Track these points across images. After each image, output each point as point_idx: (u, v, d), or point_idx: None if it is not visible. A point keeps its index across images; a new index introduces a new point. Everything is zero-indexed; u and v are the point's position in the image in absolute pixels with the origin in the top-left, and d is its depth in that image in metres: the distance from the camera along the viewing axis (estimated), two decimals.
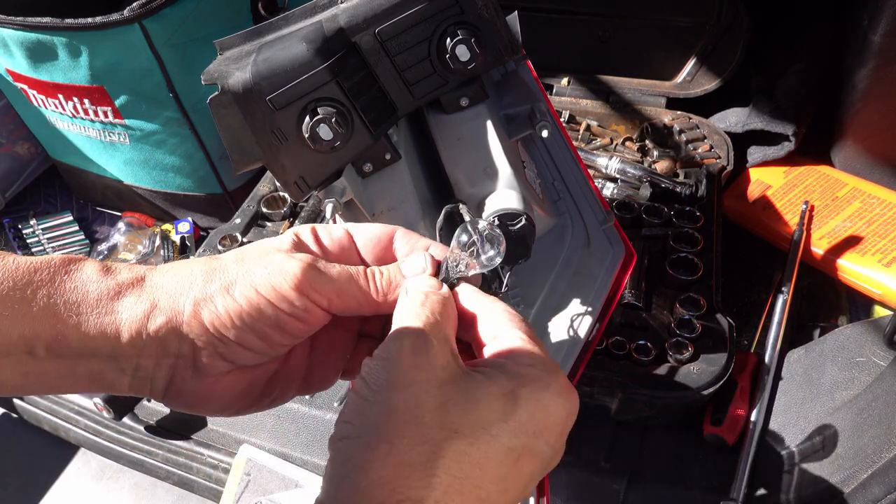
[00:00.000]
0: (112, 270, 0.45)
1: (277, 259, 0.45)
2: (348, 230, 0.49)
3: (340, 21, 0.54)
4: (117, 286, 0.44)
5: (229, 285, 0.44)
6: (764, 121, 1.13)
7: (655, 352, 0.83)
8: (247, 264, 0.45)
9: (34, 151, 1.41)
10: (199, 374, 0.45)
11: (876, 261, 0.98)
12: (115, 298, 0.43)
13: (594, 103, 1.23)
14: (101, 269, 0.44)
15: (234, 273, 0.44)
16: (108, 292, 0.43)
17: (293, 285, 0.43)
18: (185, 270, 0.45)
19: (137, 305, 0.44)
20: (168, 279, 0.45)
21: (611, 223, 0.72)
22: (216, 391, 0.46)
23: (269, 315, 0.44)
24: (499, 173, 0.61)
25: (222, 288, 0.44)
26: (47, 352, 0.42)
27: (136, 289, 0.44)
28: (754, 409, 0.85)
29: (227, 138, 0.55)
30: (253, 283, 0.44)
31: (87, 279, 0.43)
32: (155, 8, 0.98)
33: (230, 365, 0.46)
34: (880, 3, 0.94)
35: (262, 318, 0.44)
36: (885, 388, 0.78)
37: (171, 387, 0.46)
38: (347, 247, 0.48)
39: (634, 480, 0.83)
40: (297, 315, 0.44)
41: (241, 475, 0.89)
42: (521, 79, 0.65)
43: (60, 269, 0.43)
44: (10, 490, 1.04)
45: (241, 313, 0.43)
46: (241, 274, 0.44)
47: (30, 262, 0.42)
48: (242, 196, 1.13)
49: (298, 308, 0.44)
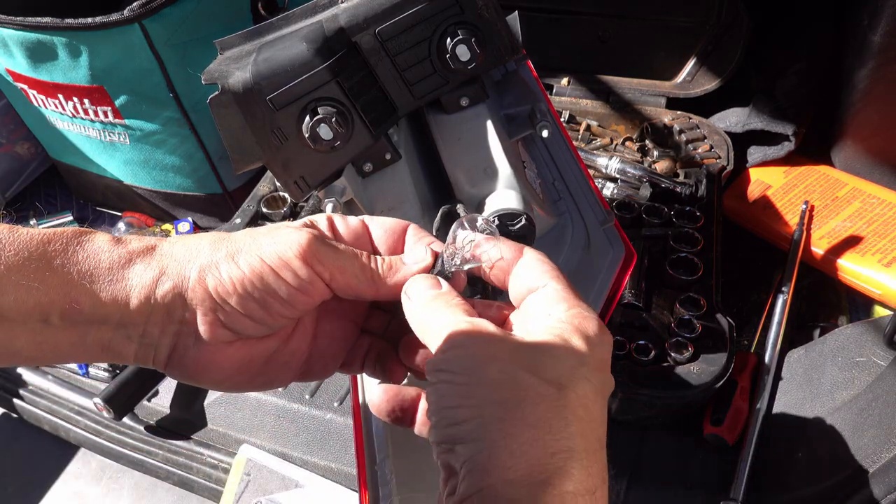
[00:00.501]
0: (123, 241, 0.46)
1: (285, 231, 0.46)
2: (364, 220, 0.50)
3: (341, 21, 0.54)
4: (128, 254, 0.45)
5: (235, 253, 0.45)
6: (764, 121, 1.13)
7: (655, 352, 0.83)
8: (255, 236, 0.46)
9: (34, 151, 1.41)
10: (201, 343, 0.46)
11: (876, 261, 0.98)
12: (125, 266, 0.44)
13: (594, 103, 1.23)
14: (111, 240, 0.46)
15: (240, 242, 0.46)
16: (119, 260, 0.44)
17: (298, 254, 0.44)
18: (194, 240, 0.47)
19: (147, 272, 0.45)
20: (178, 248, 0.46)
21: (611, 223, 0.72)
22: (217, 360, 0.47)
23: (271, 283, 0.44)
24: (499, 173, 0.61)
25: (228, 255, 0.45)
26: (61, 319, 0.43)
27: (147, 256, 0.45)
28: (754, 409, 0.85)
29: (227, 138, 0.55)
30: (259, 251, 0.45)
31: (99, 249, 0.45)
32: (155, 8, 0.98)
33: (232, 335, 0.46)
34: (880, 3, 0.94)
35: (264, 286, 0.44)
36: (885, 388, 0.78)
37: (174, 354, 0.47)
38: (362, 234, 0.49)
39: (634, 481, 0.83)
40: (300, 286, 0.45)
41: (241, 475, 0.89)
42: (521, 79, 0.65)
43: (73, 240, 0.44)
44: (10, 490, 1.04)
45: (243, 280, 0.44)
46: (248, 243, 0.46)
47: (43, 234, 0.43)
48: (242, 196, 1.13)
49: (301, 278, 0.44)
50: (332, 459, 0.88)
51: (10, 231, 0.42)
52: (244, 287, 0.44)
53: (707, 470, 0.83)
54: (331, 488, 0.87)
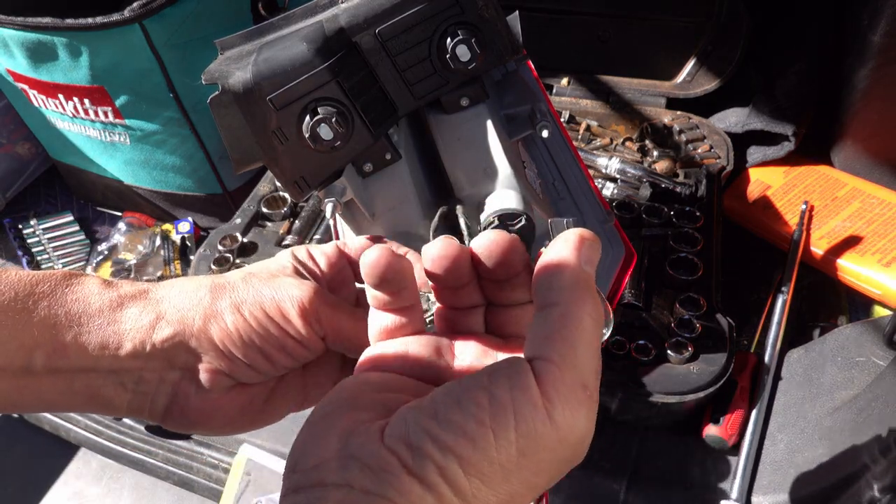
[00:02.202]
0: (113, 284, 0.45)
1: (286, 283, 0.45)
2: (337, 245, 0.50)
3: (341, 21, 0.54)
4: (119, 298, 0.44)
5: (240, 304, 0.44)
6: (764, 121, 1.13)
7: (655, 352, 0.83)
8: (256, 285, 0.45)
9: (34, 151, 1.41)
10: (202, 391, 0.46)
11: (876, 261, 0.98)
12: (117, 309, 0.43)
13: (594, 103, 1.23)
14: (102, 283, 0.44)
15: (243, 292, 0.45)
16: (109, 303, 0.43)
17: (298, 311, 0.44)
18: (192, 285, 0.46)
19: (142, 316, 0.43)
20: (174, 293, 0.45)
21: (611, 223, 0.72)
22: (220, 406, 0.47)
23: (276, 336, 0.44)
24: (499, 173, 0.61)
25: (232, 305, 0.44)
26: (45, 365, 0.41)
27: (140, 300, 0.44)
28: (754, 409, 0.85)
29: (227, 138, 0.55)
30: (262, 303, 0.44)
31: (89, 291, 0.43)
32: (155, 8, 0.98)
33: (232, 381, 0.46)
34: (880, 3, 0.94)
35: (269, 338, 0.44)
36: (885, 388, 0.78)
37: (174, 403, 0.46)
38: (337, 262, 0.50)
39: (634, 480, 0.83)
40: (302, 340, 0.45)
41: (241, 475, 0.89)
42: (521, 79, 0.65)
43: (62, 282, 0.43)
44: (10, 490, 1.04)
45: (250, 332, 0.44)
46: (251, 294, 0.45)
47: (32, 275, 0.42)
48: (242, 196, 1.13)
49: (303, 335, 0.45)
50: None
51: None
52: (250, 338, 0.44)
53: (707, 470, 0.83)
54: None
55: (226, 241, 1.03)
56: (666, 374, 0.82)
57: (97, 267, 1.25)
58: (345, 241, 0.52)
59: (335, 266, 0.50)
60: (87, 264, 1.27)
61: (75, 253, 1.30)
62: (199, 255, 1.02)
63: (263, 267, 0.48)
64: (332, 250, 0.50)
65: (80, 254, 1.30)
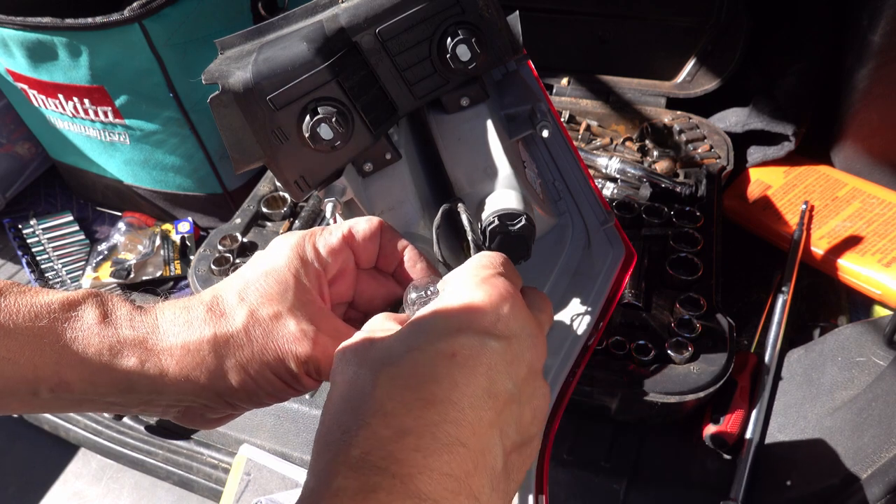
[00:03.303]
0: (111, 322, 0.45)
1: (288, 333, 0.47)
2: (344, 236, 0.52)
3: (341, 20, 0.54)
4: (119, 344, 0.45)
5: (245, 364, 0.47)
6: (764, 121, 1.13)
7: (655, 352, 0.83)
8: (259, 339, 0.47)
9: (34, 151, 1.41)
10: (205, 417, 0.51)
11: (876, 261, 0.98)
12: (117, 356, 0.45)
13: (594, 103, 1.23)
14: (99, 318, 0.45)
15: (248, 351, 0.47)
16: (109, 349, 0.44)
17: (300, 369, 0.48)
18: (195, 336, 0.46)
19: (146, 369, 0.45)
20: (178, 349, 0.46)
21: (611, 223, 0.72)
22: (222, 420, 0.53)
23: (278, 387, 0.48)
24: (499, 173, 0.60)
25: (237, 365, 0.47)
26: (50, 395, 0.43)
27: (139, 350, 0.45)
28: (754, 409, 0.85)
29: (227, 138, 0.55)
30: (267, 362, 0.47)
31: (89, 332, 0.44)
32: (155, 8, 0.98)
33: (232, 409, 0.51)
34: (880, 3, 0.94)
35: (271, 389, 0.48)
36: (885, 388, 0.78)
37: (179, 420, 0.51)
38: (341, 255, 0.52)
39: (634, 480, 0.83)
40: (299, 388, 0.49)
41: (241, 475, 0.89)
42: (521, 79, 0.65)
43: (60, 316, 0.44)
44: (10, 490, 1.04)
45: (254, 388, 0.48)
46: (256, 352, 0.47)
47: (30, 307, 0.43)
48: (242, 196, 1.13)
49: (303, 385, 0.49)
50: None
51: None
52: (255, 392, 0.48)
53: (707, 470, 0.83)
54: None
55: (226, 240, 1.03)
56: (666, 374, 0.82)
57: (97, 267, 1.25)
58: (352, 226, 0.52)
59: (339, 260, 0.51)
60: (87, 264, 1.27)
61: (75, 253, 1.30)
62: (199, 255, 1.02)
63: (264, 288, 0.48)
64: (338, 242, 0.51)
65: (79, 254, 1.30)
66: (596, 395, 0.83)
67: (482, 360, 0.39)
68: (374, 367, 0.39)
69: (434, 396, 0.37)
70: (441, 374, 0.38)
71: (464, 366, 0.38)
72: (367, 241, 0.52)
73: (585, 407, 0.86)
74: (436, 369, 0.38)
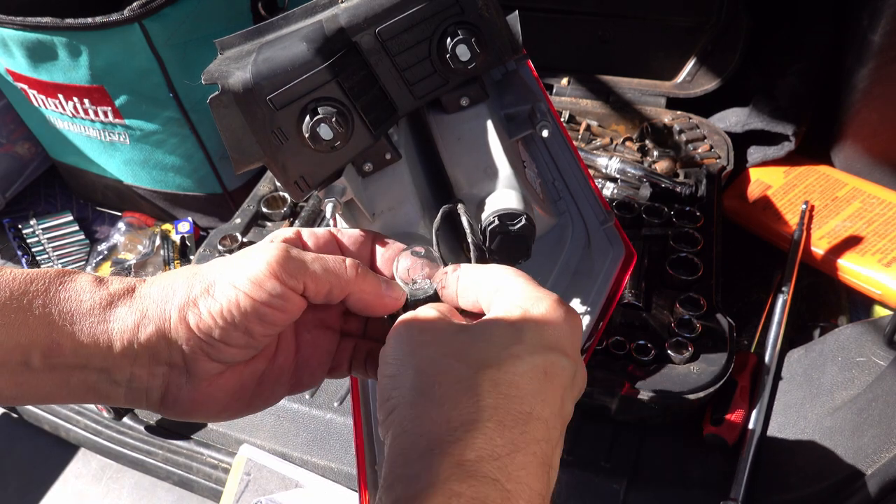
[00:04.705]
0: (104, 281, 0.46)
1: (252, 253, 0.47)
2: (331, 231, 0.52)
3: (341, 20, 0.54)
4: (109, 296, 0.45)
5: (210, 286, 0.46)
6: (764, 121, 1.13)
7: (655, 352, 0.83)
8: (226, 264, 0.47)
9: (34, 151, 1.41)
10: (192, 379, 0.47)
11: (876, 261, 0.98)
12: (107, 308, 0.45)
13: (594, 103, 1.23)
14: (94, 281, 0.46)
15: (212, 275, 0.46)
16: (100, 302, 0.45)
17: (269, 272, 0.45)
18: (169, 280, 0.47)
19: (129, 316, 0.45)
20: (154, 290, 0.46)
21: (611, 223, 0.72)
22: (211, 393, 0.48)
23: (248, 308, 0.45)
24: (499, 173, 0.61)
25: (203, 290, 0.45)
26: (42, 362, 0.42)
27: (127, 299, 0.46)
28: (754, 409, 0.85)
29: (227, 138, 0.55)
30: (230, 280, 0.45)
31: (81, 289, 0.45)
32: (155, 8, 0.98)
33: (219, 366, 0.47)
34: (880, 3, 0.94)
35: (242, 312, 0.45)
36: (885, 388, 0.78)
37: (167, 395, 0.47)
38: (329, 242, 0.52)
39: (634, 480, 0.83)
40: (275, 304, 0.45)
41: (241, 475, 0.89)
42: (521, 78, 0.65)
43: (55, 280, 0.44)
44: (10, 490, 1.04)
45: (222, 311, 0.45)
46: (220, 273, 0.46)
47: (26, 273, 0.43)
48: (242, 196, 1.13)
49: (275, 296, 0.45)
50: (332, 459, 0.88)
51: None
52: (224, 318, 0.45)
53: (707, 470, 0.83)
54: (331, 488, 0.87)
55: (226, 240, 1.03)
56: (666, 374, 0.82)
57: (97, 267, 1.25)
58: (339, 228, 0.53)
59: (327, 248, 0.51)
60: (87, 264, 1.27)
61: (75, 253, 1.30)
62: (199, 255, 1.02)
63: (245, 249, 0.49)
64: (324, 234, 0.52)
65: (79, 254, 1.30)
66: (596, 395, 0.83)
67: (562, 382, 0.42)
68: (472, 364, 0.40)
69: (533, 411, 0.39)
70: (537, 389, 0.40)
71: (551, 384, 0.41)
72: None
73: (585, 407, 0.86)
74: (534, 384, 0.40)
